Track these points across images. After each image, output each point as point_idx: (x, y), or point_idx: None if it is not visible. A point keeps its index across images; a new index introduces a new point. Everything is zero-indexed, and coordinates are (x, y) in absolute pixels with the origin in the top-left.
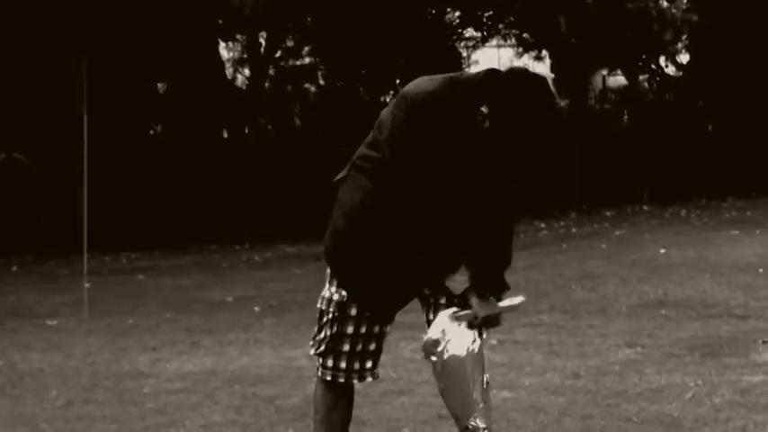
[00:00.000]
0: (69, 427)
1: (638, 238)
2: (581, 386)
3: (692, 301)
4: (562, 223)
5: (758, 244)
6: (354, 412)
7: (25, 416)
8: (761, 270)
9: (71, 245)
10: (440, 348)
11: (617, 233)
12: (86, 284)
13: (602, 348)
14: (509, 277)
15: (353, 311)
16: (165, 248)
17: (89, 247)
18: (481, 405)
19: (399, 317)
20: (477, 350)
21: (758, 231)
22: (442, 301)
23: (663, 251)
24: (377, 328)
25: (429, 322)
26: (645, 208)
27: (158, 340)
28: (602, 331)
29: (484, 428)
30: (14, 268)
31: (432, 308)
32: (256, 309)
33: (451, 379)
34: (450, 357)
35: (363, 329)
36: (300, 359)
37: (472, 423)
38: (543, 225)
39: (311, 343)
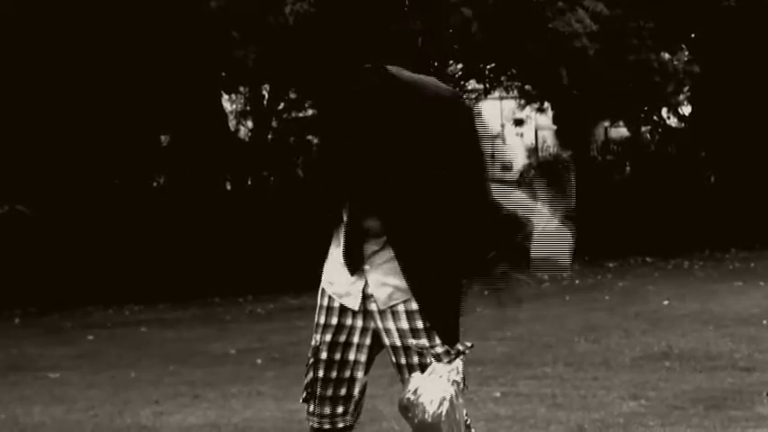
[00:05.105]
0: None
1: (641, 289)
2: None
3: (696, 354)
4: (564, 275)
5: (762, 295)
6: None
7: None
8: (765, 322)
9: (74, 297)
10: (410, 414)
11: (620, 285)
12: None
13: (606, 401)
14: (513, 329)
15: (324, 355)
16: (168, 301)
17: (93, 301)
18: None
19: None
20: (445, 412)
21: (761, 283)
22: (414, 360)
23: (666, 303)
24: (347, 373)
25: (403, 381)
26: (648, 259)
27: (161, 393)
28: (605, 384)
29: None
30: (17, 321)
31: (402, 370)
32: (259, 361)
33: None
34: (419, 423)
35: (333, 374)
36: (303, 412)
37: None
38: (546, 277)
39: None
